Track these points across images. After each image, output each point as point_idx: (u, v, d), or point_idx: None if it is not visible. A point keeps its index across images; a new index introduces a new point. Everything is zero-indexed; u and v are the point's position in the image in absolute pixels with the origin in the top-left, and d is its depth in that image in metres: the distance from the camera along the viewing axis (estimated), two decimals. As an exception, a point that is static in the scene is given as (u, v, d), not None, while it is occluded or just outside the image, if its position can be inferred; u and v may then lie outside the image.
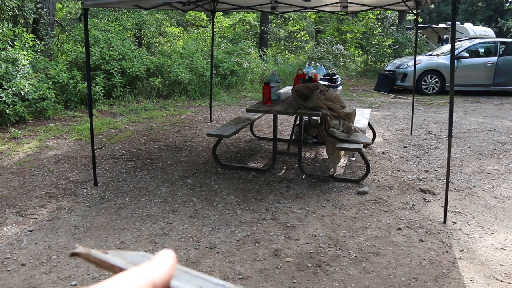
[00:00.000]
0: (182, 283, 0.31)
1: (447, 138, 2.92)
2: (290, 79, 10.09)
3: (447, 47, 9.98)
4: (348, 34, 14.01)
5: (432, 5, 4.94)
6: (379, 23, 14.69)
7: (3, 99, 5.42)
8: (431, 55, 9.97)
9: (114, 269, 0.32)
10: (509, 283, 2.26)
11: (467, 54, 9.18)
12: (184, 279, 0.31)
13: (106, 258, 0.33)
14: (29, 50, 6.24)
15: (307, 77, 4.47)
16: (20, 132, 5.39)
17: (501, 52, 9.20)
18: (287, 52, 13.98)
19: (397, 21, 15.71)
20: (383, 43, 12.97)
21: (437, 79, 9.30)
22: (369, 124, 4.79)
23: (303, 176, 3.91)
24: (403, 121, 6.44)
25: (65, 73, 6.70)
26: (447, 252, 2.58)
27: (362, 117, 4.64)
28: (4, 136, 5.27)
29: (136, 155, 4.60)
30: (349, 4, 5.26)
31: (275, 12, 6.01)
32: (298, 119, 4.35)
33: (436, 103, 8.26)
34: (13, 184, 3.70)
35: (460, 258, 2.51)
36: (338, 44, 12.98)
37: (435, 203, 3.30)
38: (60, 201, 3.34)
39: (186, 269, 0.32)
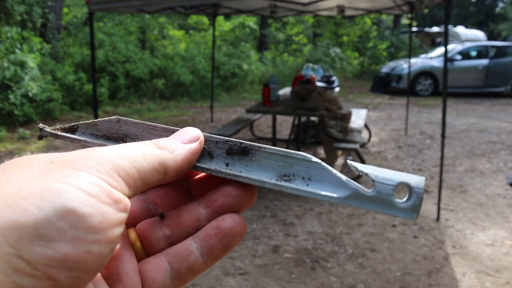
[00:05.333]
0: (207, 163, 0.28)
1: (441, 138, 2.98)
2: (288, 81, 10.18)
3: (440, 50, 10.10)
4: (344, 37, 14.15)
5: (426, 9, 5.08)
6: (375, 27, 14.83)
7: (12, 100, 5.54)
8: (425, 58, 10.12)
9: (89, 145, 0.29)
10: (499, 277, 2.33)
11: (459, 57, 9.30)
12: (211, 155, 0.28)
13: (77, 138, 0.29)
14: (37, 53, 6.36)
15: (305, 79, 4.52)
16: (28, 132, 5.48)
17: (492, 55, 9.32)
18: (285, 54, 14.10)
19: (392, 25, 15.88)
20: (379, 46, 13.10)
21: (430, 81, 9.42)
22: (365, 125, 4.84)
23: None
24: (398, 121, 6.50)
25: (71, 75, 6.82)
26: (440, 248, 2.64)
27: (358, 118, 4.69)
28: (13, 136, 5.37)
29: (140, 154, 4.69)
30: (345, 8, 5.35)
31: (274, 15, 6.09)
32: (296, 119, 4.42)
33: (430, 104, 8.33)
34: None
35: (452, 254, 2.57)
36: (335, 47, 13.10)
37: (429, 201, 3.37)
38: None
39: (208, 136, 0.29)
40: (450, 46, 9.50)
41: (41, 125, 0.29)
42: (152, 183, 0.25)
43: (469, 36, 12.49)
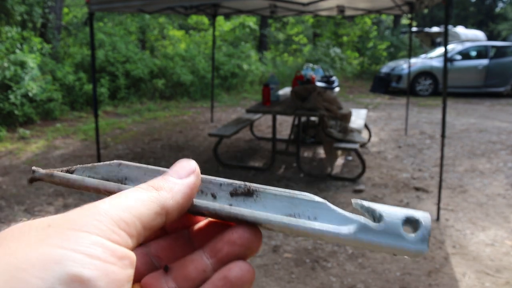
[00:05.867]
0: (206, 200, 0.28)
1: (440, 138, 2.98)
2: (288, 81, 10.18)
3: (440, 50, 10.08)
4: (344, 37, 14.16)
5: (426, 9, 5.09)
6: (375, 27, 14.84)
7: (12, 100, 5.55)
8: (425, 58, 10.12)
9: (89, 189, 0.28)
10: (499, 277, 2.33)
11: (459, 57, 9.30)
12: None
13: (73, 178, 0.28)
14: (37, 53, 6.37)
15: (305, 79, 4.53)
16: (28, 132, 5.49)
17: (492, 55, 9.32)
18: (285, 54, 14.11)
19: (392, 25, 15.89)
20: (379, 46, 13.11)
21: (430, 81, 9.42)
22: (365, 125, 4.85)
23: (302, 175, 3.99)
24: (397, 121, 6.51)
25: (71, 75, 6.83)
26: (440, 248, 2.65)
27: (358, 118, 4.69)
28: (13, 136, 5.37)
29: (140, 154, 4.68)
30: (345, 8, 5.36)
31: (274, 16, 6.10)
32: (296, 119, 4.41)
33: (430, 104, 8.33)
34: (22, 182, 3.78)
35: (452, 254, 2.58)
36: (335, 47, 13.11)
37: (429, 201, 3.37)
38: (67, 199, 3.43)
39: (211, 179, 0.28)
40: (450, 46, 9.50)
41: (34, 167, 0.29)
42: (155, 227, 0.24)
43: (469, 36, 12.50)
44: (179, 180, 0.26)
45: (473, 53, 9.60)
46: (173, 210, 0.25)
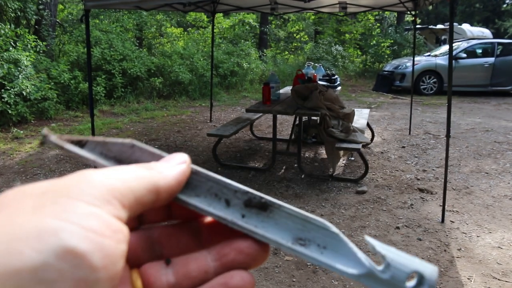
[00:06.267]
0: (191, 197, 0.27)
1: (445, 138, 2.95)
2: (289, 80, 10.14)
3: (445, 48, 10.04)
4: (347, 35, 14.09)
5: (430, 6, 5.01)
6: (378, 24, 14.76)
7: (6, 99, 5.49)
8: (429, 55, 10.04)
9: (97, 165, 0.27)
10: (506, 281, 2.29)
11: (465, 55, 9.25)
12: (196, 189, 0.27)
13: (85, 156, 0.27)
14: (31, 51, 6.30)
15: (306, 78, 4.51)
16: (22, 132, 5.44)
17: (498, 53, 9.27)
18: (286, 52, 14.04)
19: (395, 22, 15.79)
20: (382, 44, 13.04)
21: (435, 80, 9.36)
22: (368, 124, 4.83)
23: (303, 176, 3.95)
24: (401, 121, 6.48)
25: (66, 73, 6.77)
26: (445, 251, 2.61)
27: (360, 117, 4.67)
28: (6, 136, 5.32)
29: (137, 154, 4.65)
30: (348, 5, 5.32)
31: (275, 13, 6.07)
32: (297, 119, 4.38)
33: (434, 103, 8.31)
34: (15, 184, 3.75)
35: (458, 257, 2.54)
36: (337, 45, 13.05)
37: (433, 202, 3.33)
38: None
39: (200, 171, 0.28)
40: (455, 44, 9.44)
41: (45, 130, 0.27)
42: (147, 204, 0.24)
43: (475, 33, 12.42)
44: (170, 165, 0.27)
45: (479, 51, 9.55)
46: (163, 190, 0.25)
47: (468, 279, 2.32)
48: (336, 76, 5.18)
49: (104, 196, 0.22)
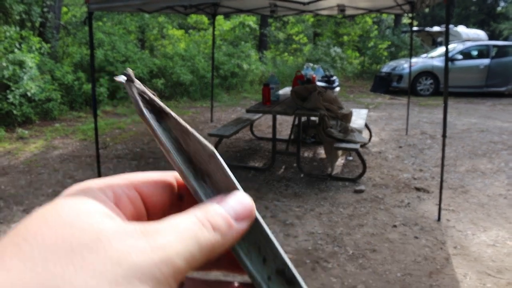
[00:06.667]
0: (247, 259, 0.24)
1: (441, 138, 2.97)
2: (289, 81, 10.17)
3: (441, 50, 10.08)
4: (345, 37, 14.16)
5: (427, 8, 5.07)
6: (376, 26, 14.84)
7: (11, 100, 5.54)
8: (426, 57, 10.10)
9: (167, 154, 0.24)
10: (501, 278, 2.33)
11: (460, 57, 9.29)
12: (245, 235, 0.24)
13: (157, 131, 0.24)
14: (36, 53, 6.36)
15: (305, 79, 4.52)
16: (27, 132, 5.49)
17: (493, 54, 9.31)
18: (286, 54, 14.09)
19: (393, 24, 15.87)
20: (379, 46, 13.10)
21: (431, 81, 9.41)
22: (366, 125, 4.85)
23: (302, 175, 3.98)
24: (398, 121, 6.51)
25: (70, 74, 6.83)
26: (441, 248, 2.64)
27: (358, 118, 4.70)
28: (12, 136, 5.37)
29: (139, 154, 4.68)
30: (346, 8, 5.35)
31: (274, 15, 6.10)
32: (296, 119, 4.41)
33: (431, 104, 8.33)
34: (20, 183, 3.77)
35: (453, 255, 2.57)
36: (336, 47, 13.10)
37: (430, 201, 3.37)
38: (67, 199, 3.45)
39: (259, 221, 0.25)
40: (451, 46, 9.48)
41: (130, 71, 0.23)
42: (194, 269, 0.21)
43: (470, 35, 12.47)
44: (235, 222, 0.23)
45: (475, 53, 9.59)
46: (216, 255, 0.22)
47: (464, 276, 2.35)
48: (334, 77, 5.22)
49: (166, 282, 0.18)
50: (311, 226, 2.94)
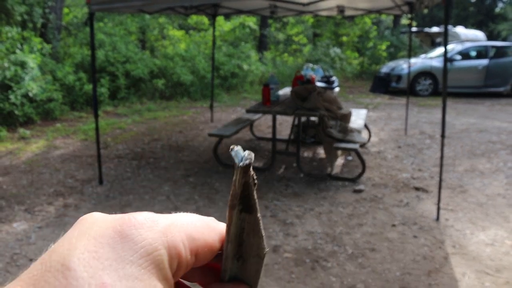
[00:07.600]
0: None
1: (440, 138, 2.99)
2: (288, 81, 10.17)
3: (440, 50, 10.08)
4: (344, 38, 14.18)
5: (426, 9, 5.10)
6: (375, 27, 14.85)
7: (12, 100, 5.56)
8: (424, 58, 10.12)
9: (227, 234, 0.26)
10: (499, 277, 2.34)
11: (459, 57, 9.30)
12: None
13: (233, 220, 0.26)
14: (37, 53, 6.38)
15: (305, 79, 4.53)
16: (28, 132, 5.51)
17: (492, 55, 9.33)
18: (285, 55, 14.10)
19: (392, 25, 15.90)
20: (379, 46, 13.11)
21: (430, 81, 9.42)
22: (365, 125, 4.86)
23: (302, 175, 4.00)
24: (397, 121, 6.51)
25: (71, 75, 6.85)
26: (439, 248, 2.65)
27: (358, 118, 4.71)
28: (13, 136, 5.39)
29: (140, 154, 4.69)
30: (345, 8, 5.38)
31: (274, 16, 6.12)
32: (296, 119, 4.42)
33: (430, 104, 8.34)
34: (22, 182, 3.79)
35: (452, 254, 2.58)
36: (335, 47, 13.12)
37: (429, 201, 3.38)
38: (67, 199, 3.42)
39: None
40: (449, 46, 9.49)
41: (251, 154, 0.25)
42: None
43: (469, 36, 12.49)
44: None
45: (473, 53, 9.61)
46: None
47: (462, 275, 2.36)
48: (334, 78, 5.24)
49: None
50: (310, 225, 2.95)
